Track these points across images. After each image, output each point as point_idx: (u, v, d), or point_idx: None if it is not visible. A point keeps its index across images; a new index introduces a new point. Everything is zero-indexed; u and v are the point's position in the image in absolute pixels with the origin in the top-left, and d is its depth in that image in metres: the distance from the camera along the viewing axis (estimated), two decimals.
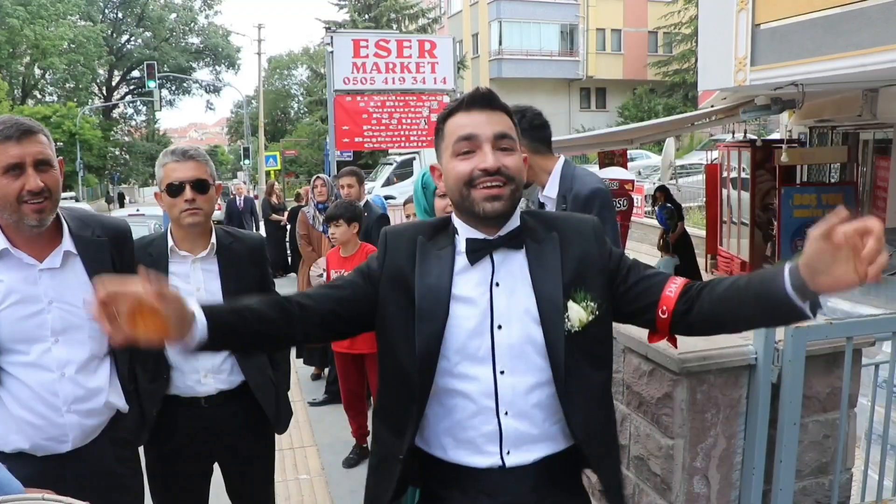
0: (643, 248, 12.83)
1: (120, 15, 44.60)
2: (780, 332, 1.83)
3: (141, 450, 2.45)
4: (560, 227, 1.64)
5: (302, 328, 1.61)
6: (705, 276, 11.05)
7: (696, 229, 12.25)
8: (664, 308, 1.56)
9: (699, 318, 1.55)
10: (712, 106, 9.39)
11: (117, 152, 43.24)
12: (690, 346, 1.86)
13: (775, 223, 9.15)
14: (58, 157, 2.04)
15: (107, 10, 44.43)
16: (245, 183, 23.77)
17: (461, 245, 1.61)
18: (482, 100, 1.60)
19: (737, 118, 8.41)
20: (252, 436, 2.71)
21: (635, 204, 12.19)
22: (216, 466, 2.78)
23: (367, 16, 30.30)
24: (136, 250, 2.35)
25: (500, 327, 1.56)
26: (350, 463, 4.66)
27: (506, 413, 1.55)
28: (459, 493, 1.62)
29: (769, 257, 9.50)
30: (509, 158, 1.57)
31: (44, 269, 2.00)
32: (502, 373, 1.55)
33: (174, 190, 2.44)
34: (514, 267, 1.60)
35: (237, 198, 13.34)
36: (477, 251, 1.59)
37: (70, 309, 2.01)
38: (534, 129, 2.99)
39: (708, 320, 1.55)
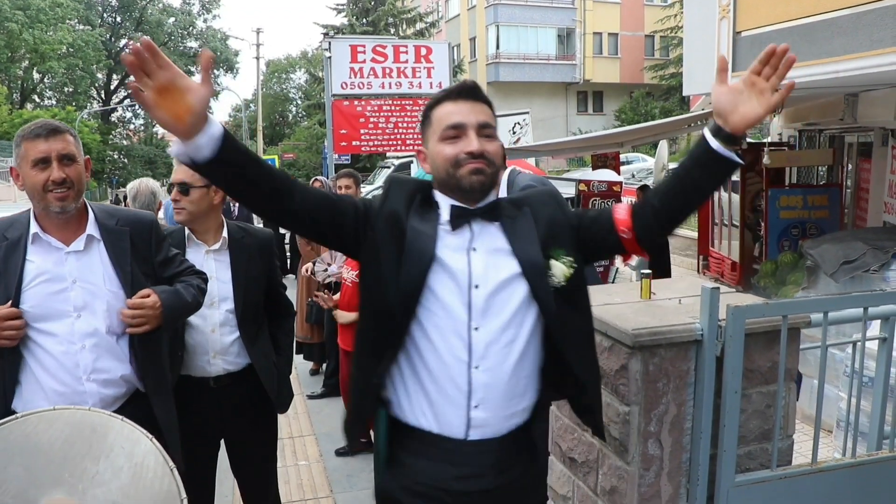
0: None
1: (118, 19, 44.80)
2: (722, 312, 2.06)
3: None
4: (528, 202, 1.86)
5: (299, 201, 1.71)
6: (696, 279, 11.27)
7: (688, 231, 12.46)
8: (623, 229, 1.78)
9: (659, 215, 1.77)
10: (703, 109, 9.64)
11: (116, 156, 43.42)
12: (643, 323, 2.10)
13: (763, 224, 9.36)
14: (85, 156, 2.30)
15: (105, 15, 44.64)
16: None
17: (442, 216, 1.79)
18: (468, 92, 1.80)
19: None
20: (256, 416, 2.93)
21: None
22: (222, 444, 3.02)
23: (364, 20, 30.49)
24: None
25: (476, 287, 1.73)
26: (343, 453, 4.86)
27: (476, 367, 1.71)
28: (425, 461, 1.77)
29: (757, 257, 9.69)
30: (490, 144, 1.77)
31: (70, 251, 2.25)
32: (476, 329, 1.72)
33: (169, 190, 2.81)
34: (490, 237, 1.79)
35: (232, 204, 12.03)
36: (459, 217, 1.77)
37: (91, 288, 2.25)
38: None
39: (667, 212, 1.77)
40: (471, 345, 1.72)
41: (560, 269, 1.75)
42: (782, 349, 2.11)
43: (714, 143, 1.66)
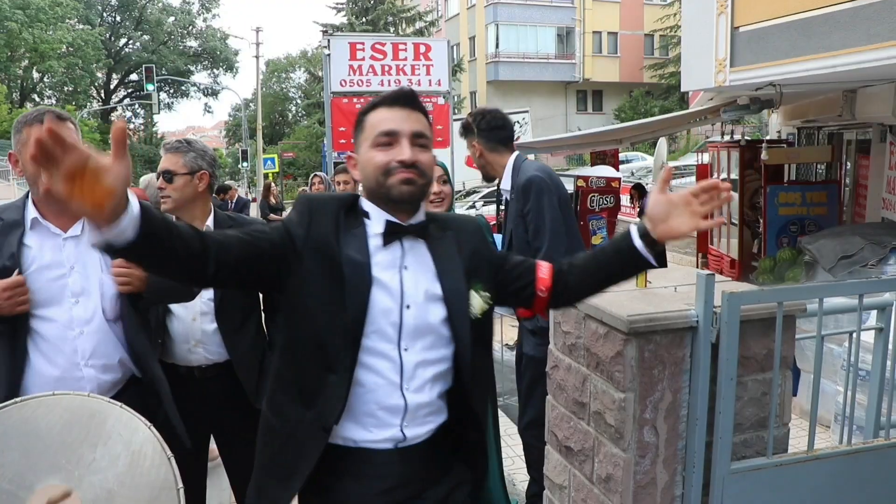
0: None
1: (118, 18, 44.78)
2: (718, 298, 2.07)
3: None
4: (453, 226, 1.85)
5: (214, 268, 1.57)
6: (692, 269, 11.25)
7: None
8: (542, 288, 1.81)
9: (570, 289, 1.83)
10: (702, 106, 9.64)
11: None
12: (639, 309, 2.10)
13: (762, 221, 9.36)
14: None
15: (105, 14, 44.62)
16: (239, 185, 23.59)
17: (372, 228, 1.73)
18: (405, 99, 1.73)
19: (719, 118, 8.66)
20: (244, 408, 2.91)
21: (622, 203, 12.40)
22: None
23: (364, 19, 30.56)
24: None
25: (408, 307, 1.70)
26: None
27: (407, 388, 1.70)
28: (351, 479, 1.71)
29: (756, 254, 9.70)
30: (423, 155, 1.71)
31: (68, 237, 2.26)
32: (406, 349, 1.70)
33: (157, 178, 2.82)
34: (419, 255, 1.75)
35: (230, 201, 11.81)
36: (393, 234, 1.72)
37: (88, 274, 2.26)
38: (491, 131, 3.33)
39: (577, 289, 1.84)
40: (402, 366, 1.70)
41: (478, 302, 1.75)
42: (777, 336, 2.12)
43: (637, 243, 1.72)
